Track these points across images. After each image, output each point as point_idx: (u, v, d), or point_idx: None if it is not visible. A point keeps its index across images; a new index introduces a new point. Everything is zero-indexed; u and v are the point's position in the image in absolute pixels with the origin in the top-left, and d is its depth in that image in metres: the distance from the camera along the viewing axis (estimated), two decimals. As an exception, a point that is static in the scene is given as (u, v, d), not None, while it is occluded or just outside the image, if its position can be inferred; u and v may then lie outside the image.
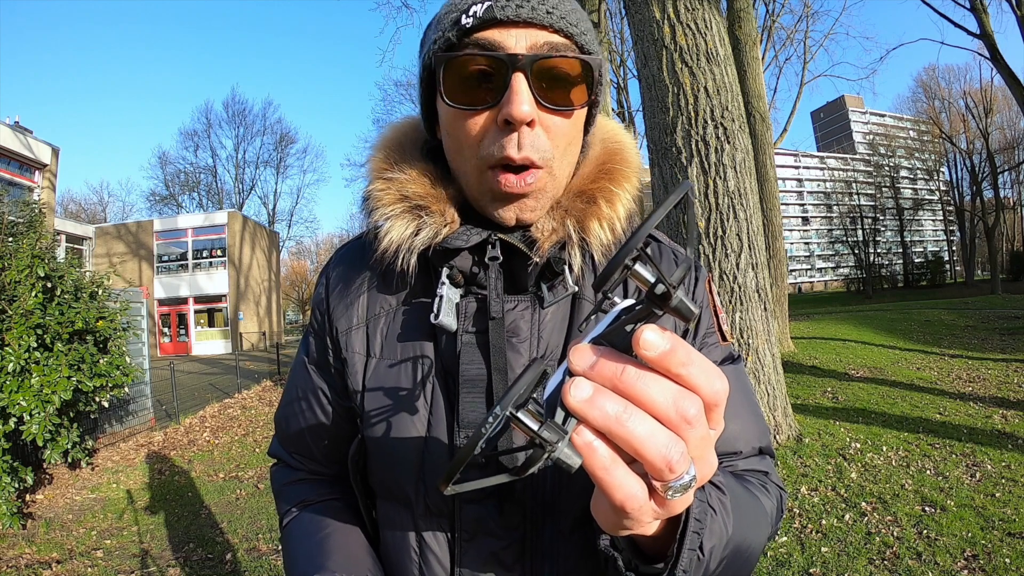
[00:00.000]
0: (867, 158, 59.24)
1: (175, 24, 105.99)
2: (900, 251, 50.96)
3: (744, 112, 4.79)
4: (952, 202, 45.72)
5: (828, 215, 66.49)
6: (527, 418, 0.32)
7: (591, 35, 0.62)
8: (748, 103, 9.52)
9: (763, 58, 13.64)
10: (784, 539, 3.25)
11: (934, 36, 77.55)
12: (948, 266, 52.97)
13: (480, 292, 0.66)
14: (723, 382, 0.33)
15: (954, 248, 57.63)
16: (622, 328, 0.33)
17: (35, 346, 4.49)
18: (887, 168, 51.81)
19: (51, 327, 4.68)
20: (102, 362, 5.05)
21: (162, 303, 24.08)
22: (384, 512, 0.72)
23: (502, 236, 0.64)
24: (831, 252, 67.96)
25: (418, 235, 0.65)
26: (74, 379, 4.64)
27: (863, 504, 3.61)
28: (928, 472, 4.05)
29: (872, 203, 50.33)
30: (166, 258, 25.05)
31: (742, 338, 4.55)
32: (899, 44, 39.72)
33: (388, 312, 0.71)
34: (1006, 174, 41.25)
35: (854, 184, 53.64)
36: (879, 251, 48.09)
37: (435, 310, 0.63)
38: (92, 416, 5.83)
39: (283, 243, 36.83)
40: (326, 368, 0.76)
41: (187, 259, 24.88)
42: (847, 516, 3.46)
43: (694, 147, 4.50)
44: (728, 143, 4.49)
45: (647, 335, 0.30)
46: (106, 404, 5.40)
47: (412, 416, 0.66)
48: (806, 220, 73.69)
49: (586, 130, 0.68)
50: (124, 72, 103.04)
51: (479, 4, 0.58)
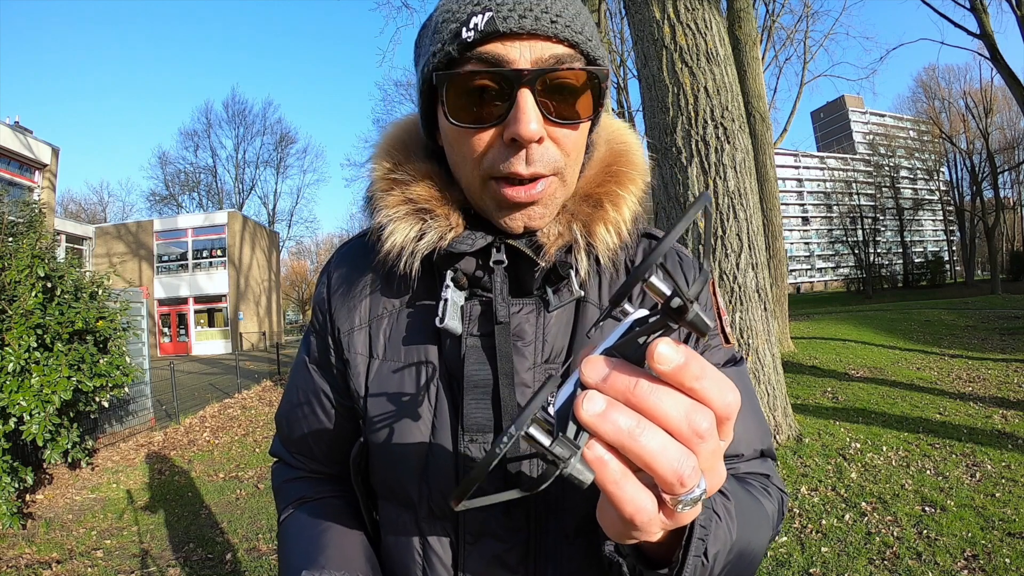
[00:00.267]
0: (867, 158, 59.24)
1: (175, 24, 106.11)
2: (900, 251, 50.96)
3: (744, 112, 4.79)
4: (952, 202, 45.73)
5: (828, 215, 66.47)
6: (539, 433, 0.32)
7: (596, 39, 0.61)
8: (748, 103, 9.52)
9: (763, 58, 13.64)
10: (784, 539, 3.25)
11: (934, 36, 77.63)
12: (948, 266, 52.97)
13: (485, 295, 0.66)
14: (735, 395, 0.33)
15: (954, 248, 57.63)
16: (635, 340, 0.33)
17: (35, 346, 4.48)
18: (887, 168, 51.81)
19: (51, 327, 4.68)
20: (102, 362, 5.04)
21: (162, 303, 24.08)
22: (386, 514, 0.71)
23: (508, 240, 0.64)
24: (831, 252, 67.96)
25: (422, 239, 0.64)
26: (74, 379, 4.64)
27: (863, 504, 3.61)
28: (928, 472, 4.05)
29: (872, 203, 50.33)
30: (166, 258, 25.05)
31: (742, 338, 4.55)
32: (899, 44, 39.64)
33: (391, 314, 0.71)
34: (1006, 174, 41.26)
35: (854, 184, 53.62)
36: (879, 251, 48.10)
37: (440, 313, 0.62)
38: (92, 416, 5.83)
39: (283, 243, 36.85)
40: (328, 368, 0.75)
41: (187, 259, 24.88)
42: (847, 516, 3.46)
43: (694, 147, 4.50)
44: (728, 143, 4.49)
45: (662, 349, 0.30)
46: (106, 404, 5.40)
47: (416, 419, 0.66)
48: (806, 220, 73.67)
49: (591, 130, 0.67)
50: (124, 72, 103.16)
51: (479, 15, 0.55)
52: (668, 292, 0.31)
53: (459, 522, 0.64)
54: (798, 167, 72.02)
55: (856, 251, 46.66)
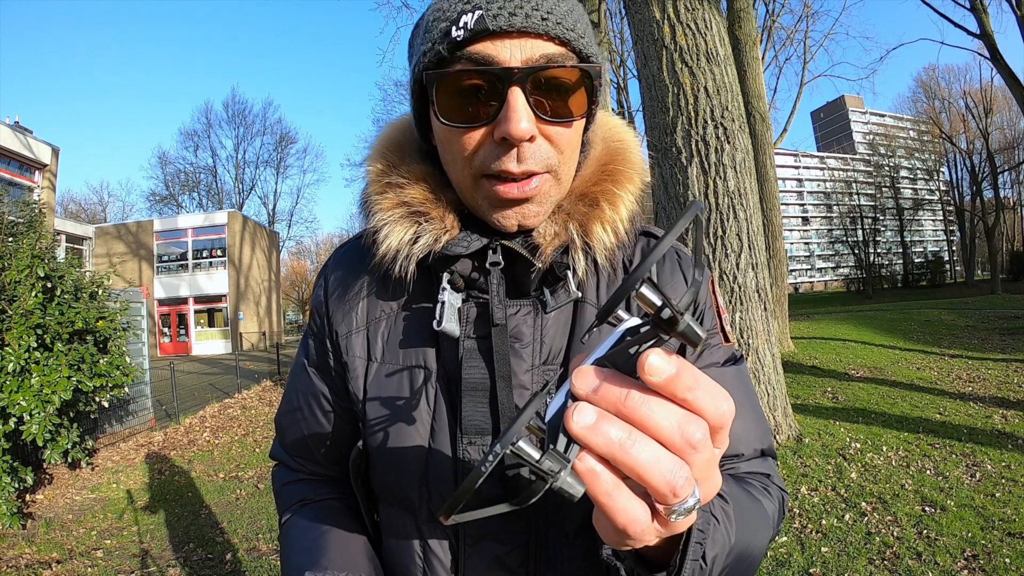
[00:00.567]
0: (867, 158, 59.25)
1: (175, 24, 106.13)
2: (900, 251, 50.97)
3: (744, 112, 4.79)
4: (952, 202, 45.72)
5: (828, 215, 66.48)
6: (528, 447, 0.31)
7: (589, 36, 0.60)
8: (748, 103, 9.51)
9: (763, 58, 13.63)
10: (784, 539, 3.25)
11: (934, 36, 77.65)
12: (948, 266, 52.98)
13: (482, 297, 0.65)
14: (729, 404, 0.33)
15: (954, 248, 57.64)
16: (626, 350, 0.32)
17: (35, 346, 4.48)
18: (887, 168, 51.83)
19: (51, 327, 4.68)
20: (102, 362, 5.04)
21: (162, 303, 24.09)
22: (387, 517, 0.71)
23: (503, 242, 0.63)
24: (831, 252, 67.97)
25: (417, 242, 0.63)
26: (74, 379, 4.64)
27: (863, 504, 3.61)
28: (928, 472, 4.05)
29: (872, 203, 50.34)
30: (166, 258, 25.05)
31: (742, 338, 4.55)
32: (899, 44, 39.61)
33: (389, 316, 0.70)
34: (1006, 174, 41.27)
35: (854, 184, 53.64)
36: (879, 251, 48.11)
37: (437, 316, 0.62)
38: (92, 416, 5.83)
39: (283, 243, 36.86)
40: (327, 371, 0.75)
41: (187, 259, 24.88)
42: (847, 516, 3.46)
43: (694, 147, 4.50)
44: (728, 143, 4.49)
45: (652, 360, 0.30)
46: (106, 404, 5.40)
47: (415, 422, 0.66)
48: (806, 220, 73.66)
49: (586, 127, 0.66)
50: (124, 72, 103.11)
51: (469, 14, 0.54)
52: (659, 303, 0.30)
53: (459, 525, 0.64)
54: (798, 167, 72.03)
55: (856, 251, 46.67)
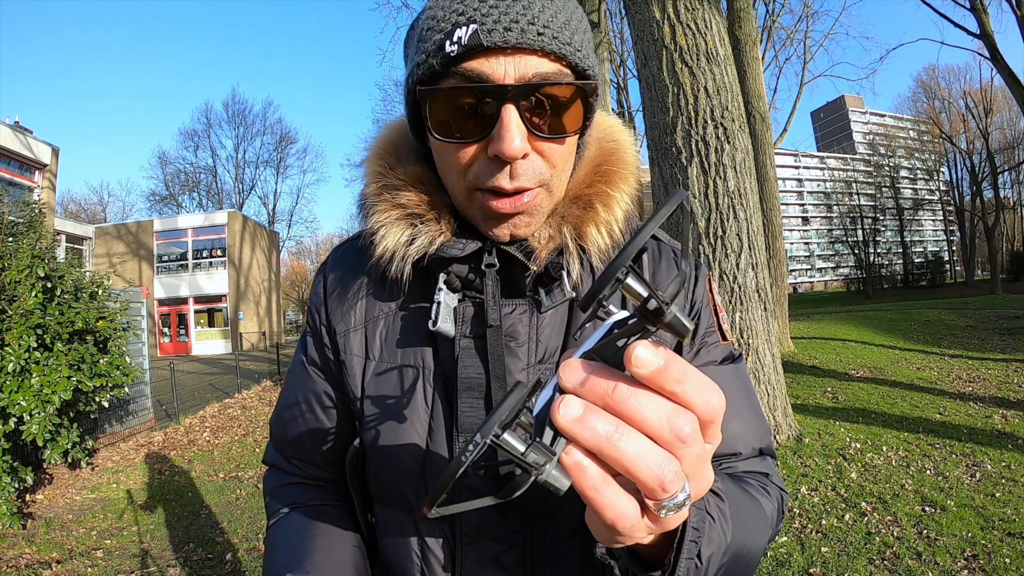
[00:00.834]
0: (867, 158, 59.25)
1: (175, 24, 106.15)
2: (900, 251, 50.97)
3: (744, 112, 4.78)
4: (952, 202, 45.72)
5: (828, 215, 66.48)
6: (513, 439, 0.31)
7: (587, 48, 0.59)
8: (748, 103, 9.51)
9: (763, 58, 13.63)
10: (784, 539, 3.25)
11: (934, 36, 77.63)
12: (948, 266, 52.98)
13: (478, 296, 0.66)
14: (720, 398, 0.33)
15: (954, 248, 57.64)
16: (614, 343, 0.32)
17: (35, 346, 4.48)
18: (887, 168, 51.83)
19: (51, 327, 4.68)
20: (102, 362, 5.04)
21: (162, 303, 24.08)
22: (383, 517, 0.71)
23: (499, 245, 0.63)
24: (831, 252, 67.96)
25: (412, 244, 0.64)
26: (74, 379, 4.63)
27: (863, 504, 3.61)
28: (928, 472, 4.05)
29: (872, 203, 50.34)
30: (166, 258, 25.05)
31: (742, 338, 4.55)
32: (899, 44, 39.76)
33: (387, 316, 0.71)
34: (1006, 174, 41.28)
35: (854, 184, 53.64)
36: (879, 251, 48.11)
37: (433, 316, 0.62)
38: (92, 416, 5.83)
39: (283, 243, 36.86)
40: (325, 369, 0.75)
41: (187, 259, 24.88)
42: (847, 516, 3.46)
43: (694, 147, 4.50)
44: (728, 143, 4.49)
45: (639, 352, 0.30)
46: (106, 404, 5.40)
47: (412, 421, 0.66)
48: (806, 220, 73.65)
49: (581, 133, 0.66)
50: (124, 72, 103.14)
51: (464, 28, 0.53)
52: (644, 294, 0.30)
53: (455, 524, 0.64)
54: (798, 167, 72.01)
55: (856, 251, 46.67)
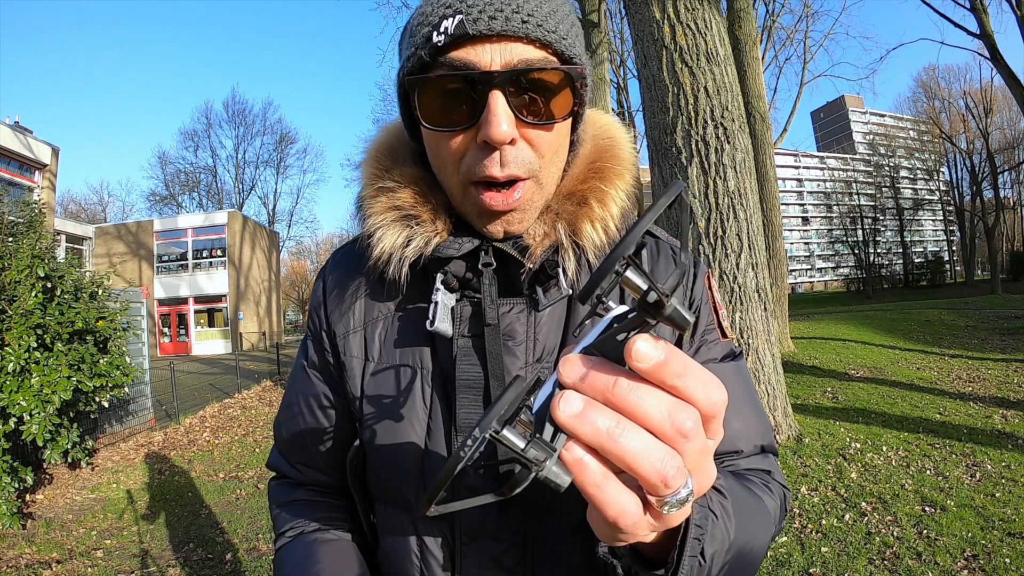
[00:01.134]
0: (867, 158, 59.26)
1: (175, 24, 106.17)
2: (900, 251, 50.99)
3: (744, 112, 4.78)
4: (952, 202, 45.73)
5: (828, 215, 66.48)
6: (513, 435, 0.30)
7: (574, 36, 0.59)
8: (748, 103, 9.51)
9: (763, 58, 13.63)
10: (784, 539, 3.25)
11: (934, 36, 77.63)
12: (948, 266, 52.99)
13: (475, 296, 0.66)
14: (721, 392, 0.32)
15: (954, 248, 57.64)
16: (614, 337, 0.31)
17: (35, 346, 4.48)
18: (887, 168, 51.84)
19: (51, 327, 4.68)
20: (102, 362, 5.04)
21: (162, 303, 24.08)
22: (384, 516, 0.71)
23: (494, 243, 0.64)
24: (831, 252, 67.96)
25: (408, 245, 0.64)
26: (74, 379, 4.63)
27: (863, 504, 3.61)
28: (928, 472, 4.05)
29: (872, 203, 50.35)
30: (166, 258, 25.05)
31: (742, 338, 4.55)
32: (899, 44, 39.52)
33: (386, 317, 0.71)
34: (1006, 174, 41.28)
35: (854, 184, 53.65)
36: (879, 251, 48.13)
37: (430, 316, 0.63)
38: (92, 416, 5.83)
39: (283, 243, 36.85)
40: (326, 371, 0.76)
41: (187, 259, 24.88)
42: (847, 516, 3.46)
43: (694, 147, 4.50)
44: (728, 143, 4.49)
45: (639, 346, 0.29)
46: (106, 404, 5.40)
47: (411, 421, 0.66)
48: (806, 220, 73.65)
49: (574, 127, 0.66)
50: (124, 72, 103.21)
51: (450, 19, 0.54)
52: (644, 287, 0.30)
53: (455, 523, 0.64)
54: (798, 167, 72.01)
55: (856, 251, 46.68)
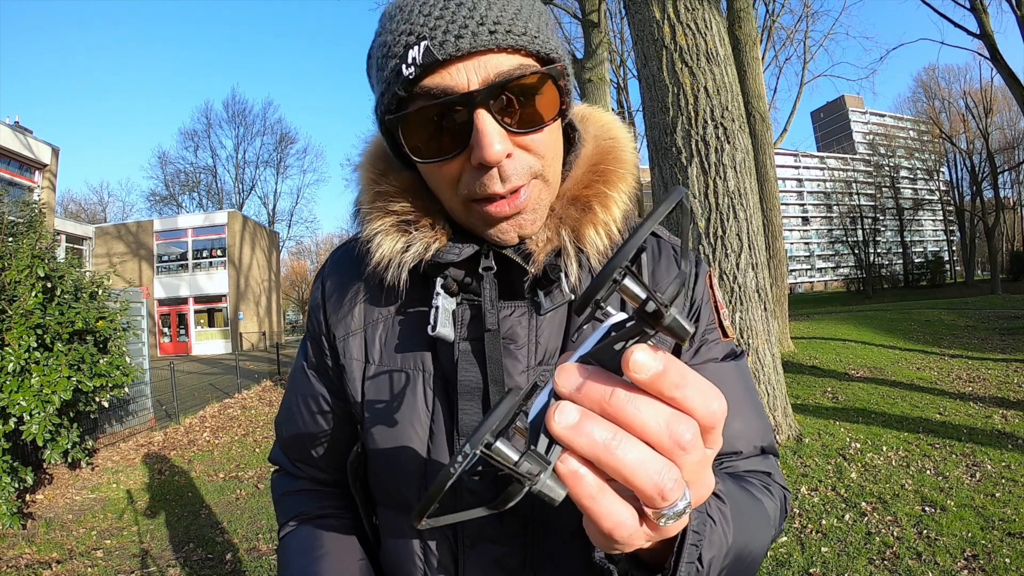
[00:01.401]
0: (867, 158, 59.27)
1: (175, 24, 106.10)
2: (900, 251, 51.01)
3: (744, 112, 4.78)
4: (952, 202, 45.73)
5: (828, 215, 66.48)
6: (506, 448, 0.29)
7: (544, 33, 0.57)
8: (748, 103, 9.51)
9: (763, 58, 13.62)
10: (784, 539, 3.25)
11: (934, 36, 77.57)
12: (948, 266, 52.99)
13: (476, 299, 0.65)
14: (721, 402, 0.31)
15: (954, 248, 57.64)
16: (611, 346, 0.31)
17: (35, 346, 4.48)
18: (887, 168, 51.85)
19: (51, 327, 4.68)
20: (102, 362, 5.04)
21: (162, 303, 24.08)
22: (386, 519, 0.71)
23: (495, 248, 0.63)
24: (831, 252, 67.97)
25: (407, 251, 0.63)
26: (74, 379, 4.63)
27: (863, 504, 3.61)
28: (928, 472, 4.05)
29: (872, 203, 50.37)
30: (166, 258, 25.05)
31: (742, 338, 4.55)
32: (899, 44, 39.48)
33: (386, 319, 0.70)
34: (1006, 174, 41.28)
35: (854, 184, 53.67)
36: (879, 251, 48.14)
37: (432, 321, 0.62)
38: (92, 416, 5.83)
39: (283, 243, 36.84)
40: (325, 373, 0.75)
41: (187, 259, 24.88)
42: (847, 516, 3.46)
43: (694, 147, 4.50)
44: (728, 143, 4.49)
45: (637, 356, 0.28)
46: (106, 404, 5.40)
47: (414, 425, 0.66)
48: (806, 220, 73.64)
49: (564, 120, 0.64)
50: (124, 72, 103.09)
51: (415, 47, 0.52)
52: (643, 296, 0.29)
53: (458, 527, 0.64)
54: (798, 167, 72.00)
55: (856, 251, 46.68)
